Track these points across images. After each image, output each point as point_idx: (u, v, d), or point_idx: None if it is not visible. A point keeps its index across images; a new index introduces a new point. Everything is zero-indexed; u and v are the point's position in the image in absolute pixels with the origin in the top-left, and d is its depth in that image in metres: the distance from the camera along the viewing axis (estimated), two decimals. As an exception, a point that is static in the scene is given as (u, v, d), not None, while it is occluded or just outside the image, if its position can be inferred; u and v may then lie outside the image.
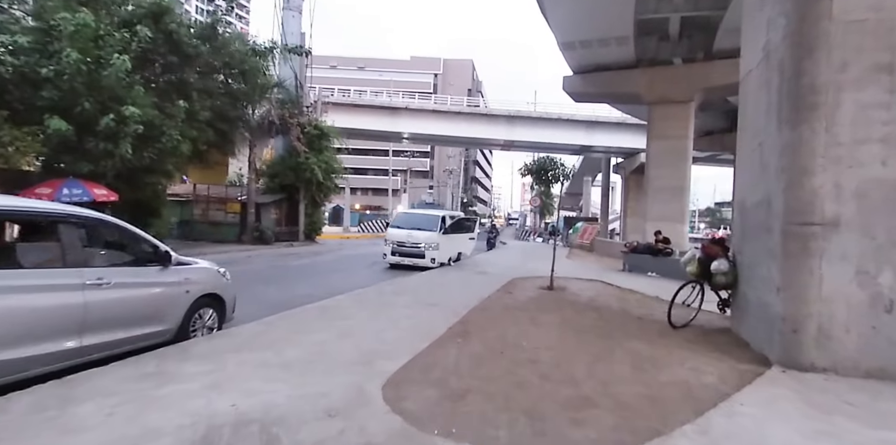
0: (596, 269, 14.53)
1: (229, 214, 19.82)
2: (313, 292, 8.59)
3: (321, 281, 10.44)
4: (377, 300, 7.44)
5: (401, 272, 12.53)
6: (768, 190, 5.05)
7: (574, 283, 10.61)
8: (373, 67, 60.85)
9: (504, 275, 11.55)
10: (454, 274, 11.76)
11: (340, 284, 9.87)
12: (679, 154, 19.85)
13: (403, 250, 13.13)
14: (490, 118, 36.52)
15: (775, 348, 4.71)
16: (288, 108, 20.41)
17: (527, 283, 10.32)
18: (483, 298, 8.01)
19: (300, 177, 20.59)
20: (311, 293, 8.46)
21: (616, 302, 8.28)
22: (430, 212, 15.61)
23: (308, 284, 9.93)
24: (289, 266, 13.19)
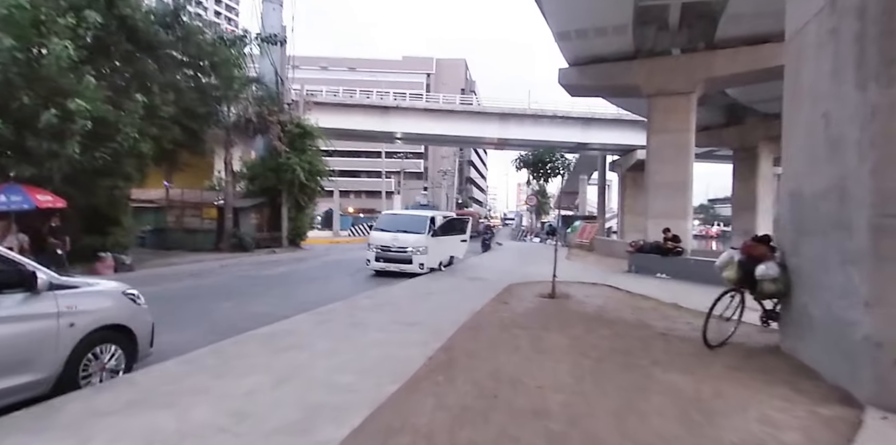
0: (599, 271, 13.30)
1: (205, 220, 18.47)
2: (276, 309, 7.30)
3: (291, 294, 9.14)
4: (345, 320, 6.15)
5: (386, 280, 11.25)
6: (842, 173, 3.80)
7: (578, 289, 9.36)
8: (364, 68, 59.58)
9: (500, 281, 10.30)
10: (444, 281, 10.49)
11: (312, 297, 8.58)
12: (680, 148, 18.66)
13: (388, 255, 11.86)
14: (482, 116, 35.30)
15: (865, 382, 3.46)
16: (267, 106, 19.09)
17: (525, 290, 9.06)
18: (475, 312, 6.74)
19: (281, 178, 19.27)
20: (273, 310, 7.17)
21: (630, 312, 7.03)
22: (417, 212, 14.27)
23: (274, 298, 8.63)
24: (261, 276, 11.89)
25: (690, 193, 18.79)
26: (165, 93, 13.29)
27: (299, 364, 4.17)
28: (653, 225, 19.34)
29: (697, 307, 7.36)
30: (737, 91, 23.10)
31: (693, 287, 9.82)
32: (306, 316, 6.39)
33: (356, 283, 10.78)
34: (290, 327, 5.75)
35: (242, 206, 18.84)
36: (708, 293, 9.32)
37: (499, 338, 5.27)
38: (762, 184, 26.94)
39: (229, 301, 8.24)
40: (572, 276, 11.16)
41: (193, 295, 8.94)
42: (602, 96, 23.58)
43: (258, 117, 18.51)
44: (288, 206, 20.11)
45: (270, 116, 18.91)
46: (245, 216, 18.92)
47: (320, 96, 35.43)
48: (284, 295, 9.06)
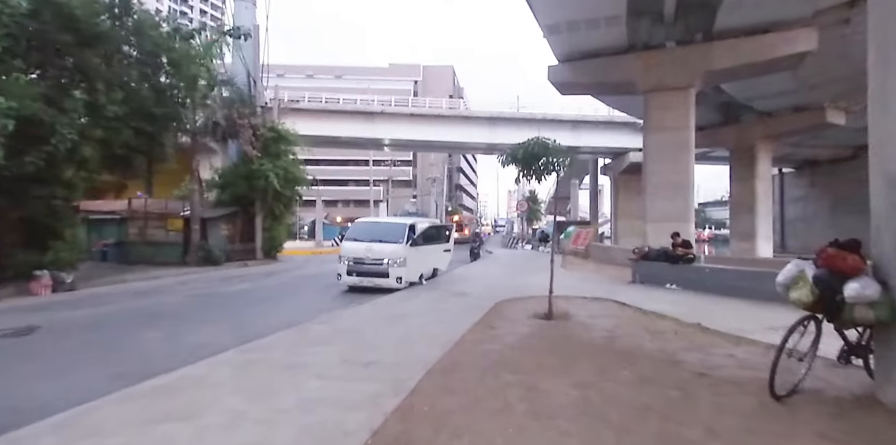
0: (599, 281, 11.85)
1: (170, 232, 16.84)
2: (214, 339, 5.78)
3: (242, 318, 7.58)
4: (282, 359, 4.62)
5: (359, 296, 9.73)
6: None
7: (579, 306, 7.89)
8: (350, 75, 58.36)
9: (487, 297, 8.80)
10: (423, 297, 8.97)
11: (265, 321, 7.04)
12: (680, 146, 17.40)
13: (362, 268, 10.33)
14: (471, 121, 33.99)
15: None
16: (237, 108, 17.61)
17: (517, 309, 7.58)
18: (453, 343, 5.24)
19: (254, 186, 17.73)
20: (211, 340, 5.66)
21: (649, 339, 5.55)
22: (394, 220, 12.71)
23: (219, 324, 7.07)
24: (218, 294, 10.30)
25: (692, 194, 17.50)
26: (112, 90, 11.77)
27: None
28: (652, 229, 18.01)
29: (728, 329, 5.94)
30: (734, 88, 21.99)
31: (712, 301, 8.39)
32: (233, 354, 4.86)
33: (322, 302, 9.23)
34: (200, 373, 4.22)
35: (211, 217, 17.23)
36: (731, 309, 7.80)
37: (481, 389, 3.76)
38: (761, 185, 25.77)
39: (162, 329, 6.66)
40: (570, 289, 9.71)
41: (124, 320, 7.35)
42: (594, 94, 22.34)
43: (227, 120, 17.01)
44: (262, 216, 18.53)
45: (241, 120, 17.41)
46: (214, 227, 17.32)
47: (303, 102, 34.05)
48: (234, 318, 7.50)
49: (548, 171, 7.43)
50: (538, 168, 7.28)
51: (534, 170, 7.37)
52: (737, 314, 7.11)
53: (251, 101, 18.66)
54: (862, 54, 3.80)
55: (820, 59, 17.32)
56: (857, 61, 19.16)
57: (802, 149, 32.23)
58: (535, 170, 7.33)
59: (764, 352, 4.87)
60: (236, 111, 17.45)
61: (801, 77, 20.85)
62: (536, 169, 7.29)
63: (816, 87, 21.93)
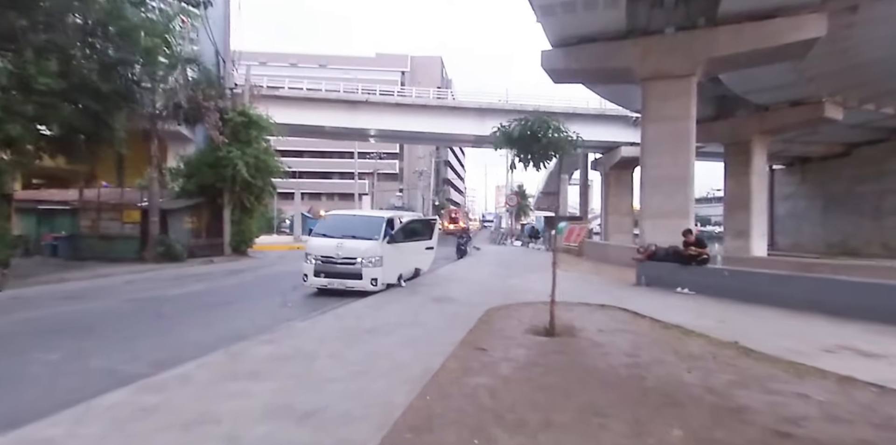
0: (599, 283, 10.63)
1: (126, 225, 15.17)
2: (118, 365, 4.40)
3: (175, 331, 6.14)
4: (183, 407, 3.23)
5: (327, 300, 8.35)
6: None
7: (584, 315, 6.61)
8: (335, 65, 56.23)
9: (475, 304, 7.49)
10: (399, 304, 7.61)
11: (198, 337, 5.64)
12: (680, 138, 16.25)
13: (332, 269, 8.92)
14: (459, 111, 32.55)
15: None
16: (203, 89, 15.94)
17: (511, 320, 6.27)
18: (431, 374, 3.90)
19: (221, 175, 16.11)
20: (111, 368, 4.30)
21: (685, 369, 4.26)
22: (370, 213, 11.18)
23: (139, 340, 5.62)
24: (163, 298, 8.80)
25: (692, 189, 16.38)
26: (45, 59, 10.12)
27: None
28: (649, 225, 16.88)
29: (776, 350, 4.69)
30: (732, 79, 20.92)
31: (737, 309, 7.19)
32: (122, 395, 3.45)
33: (283, 308, 7.81)
34: (48, 436, 2.81)
35: (172, 208, 15.61)
36: (764, 321, 6.33)
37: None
38: (756, 181, 24.87)
39: (62, 349, 5.19)
40: (569, 293, 8.44)
41: (22, 335, 5.87)
42: (588, 83, 21.06)
43: (190, 102, 15.33)
44: (231, 208, 16.93)
45: (207, 102, 15.76)
46: (176, 219, 15.70)
47: (283, 89, 32.29)
48: (162, 332, 6.06)
49: (547, 156, 6.11)
50: (536, 152, 5.95)
51: (532, 155, 6.04)
52: (775, 328, 5.91)
53: (219, 83, 16.98)
54: (868, 44, 2.55)
55: (822, 50, 16.30)
56: (861, 52, 17.71)
57: (794, 145, 31.51)
58: (533, 154, 6.01)
59: (843, 390, 3.64)
60: (201, 92, 15.78)
61: (801, 69, 19.86)
62: (535, 153, 5.96)
63: (815, 80, 21.00)
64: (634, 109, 26.06)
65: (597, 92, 23.35)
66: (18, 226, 16.34)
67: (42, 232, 15.86)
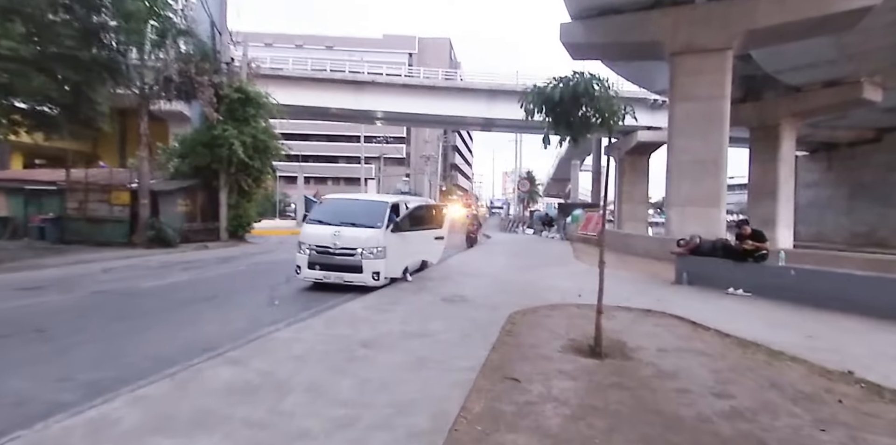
0: (633, 280, 9.32)
1: (115, 207, 14.04)
2: (32, 390, 3.17)
3: (122, 340, 4.96)
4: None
5: (321, 296, 7.18)
6: None
7: (631, 325, 5.36)
8: (342, 46, 54.24)
9: (493, 306, 6.26)
10: (403, 306, 6.38)
11: (151, 349, 4.48)
12: (712, 119, 14.70)
13: (328, 260, 7.72)
14: (468, 93, 30.86)
15: None
16: (196, 63, 14.59)
17: (542, 331, 5.04)
18: (448, 422, 2.69)
19: (216, 155, 14.88)
20: (28, 394, 3.06)
21: (808, 420, 3.02)
22: (372, 197, 9.82)
23: (82, 350, 4.46)
24: (133, 291, 7.66)
25: (724, 175, 14.90)
26: (9, 21, 8.84)
27: None
28: (677, 214, 15.48)
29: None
30: (764, 56, 19.14)
31: (815, 318, 5.88)
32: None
33: (268, 307, 6.63)
34: None
35: (164, 190, 14.44)
36: (862, 335, 4.97)
37: None
38: (784, 168, 23.20)
39: None
40: (601, 292, 7.20)
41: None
42: (610, 60, 19.35)
43: (182, 76, 14.01)
44: (227, 191, 15.74)
45: (200, 76, 14.42)
46: (168, 202, 14.54)
47: (287, 68, 30.74)
48: (119, 337, 4.90)
49: (589, 127, 4.76)
50: (578, 121, 4.61)
51: (570, 124, 4.70)
52: (882, 346, 4.63)
53: (215, 57, 15.59)
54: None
55: (870, 23, 14.57)
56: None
57: (820, 130, 29.64)
58: (573, 124, 4.67)
59: None
60: (195, 66, 14.43)
61: (843, 45, 18.07)
62: (575, 122, 4.62)
63: (856, 58, 19.18)
64: (656, 90, 24.33)
65: (617, 71, 21.60)
66: (5, 207, 15.33)
67: (30, 213, 14.82)
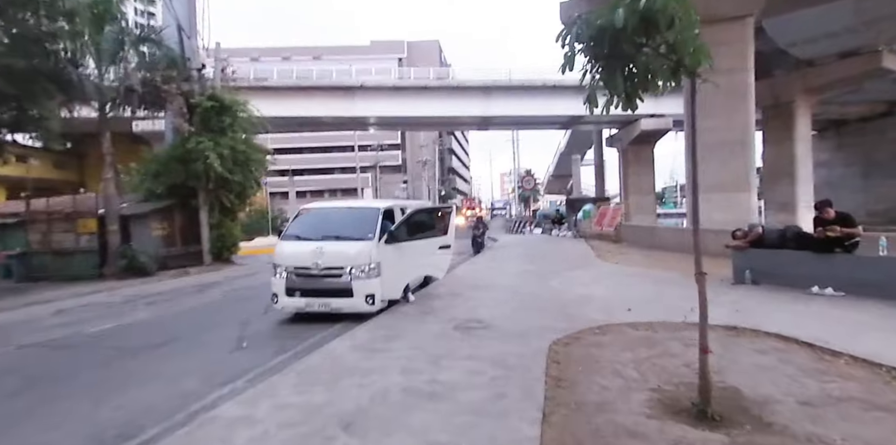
0: (681, 283, 7.73)
1: (82, 236, 12.52)
2: None
3: (18, 424, 3.43)
4: None
5: (303, 330, 5.64)
6: None
7: (725, 355, 3.76)
8: (330, 56, 52.97)
9: (524, 333, 4.70)
10: (405, 340, 4.81)
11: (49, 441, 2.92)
12: (735, 95, 13.21)
13: (310, 284, 6.18)
14: (462, 92, 29.41)
15: None
16: (162, 71, 13.17)
17: (606, 374, 3.47)
18: None
19: (191, 171, 13.39)
20: None
21: None
22: (360, 203, 8.04)
23: None
24: (76, 339, 6.12)
25: (752, 155, 13.38)
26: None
27: None
28: (702, 201, 13.85)
29: None
30: (777, 28, 17.69)
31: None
32: None
33: (232, 353, 5.09)
34: None
35: (135, 213, 12.93)
36: None
37: None
38: (801, 147, 21.65)
39: None
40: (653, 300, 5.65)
41: None
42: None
43: (146, 86, 12.57)
44: (208, 209, 14.22)
45: (167, 84, 12.97)
46: (142, 226, 13.02)
47: (272, 79, 29.42)
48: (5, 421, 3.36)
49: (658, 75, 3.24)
50: (644, 61, 3.09)
51: (632, 75, 3.18)
52: None
53: (184, 63, 14.14)
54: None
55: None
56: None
57: (831, 107, 28.11)
58: (636, 68, 3.15)
59: None
60: (160, 74, 13.00)
61: (862, 9, 16.67)
62: (640, 63, 3.10)
63: (874, 24, 17.69)
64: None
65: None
66: (-33, 244, 13.85)
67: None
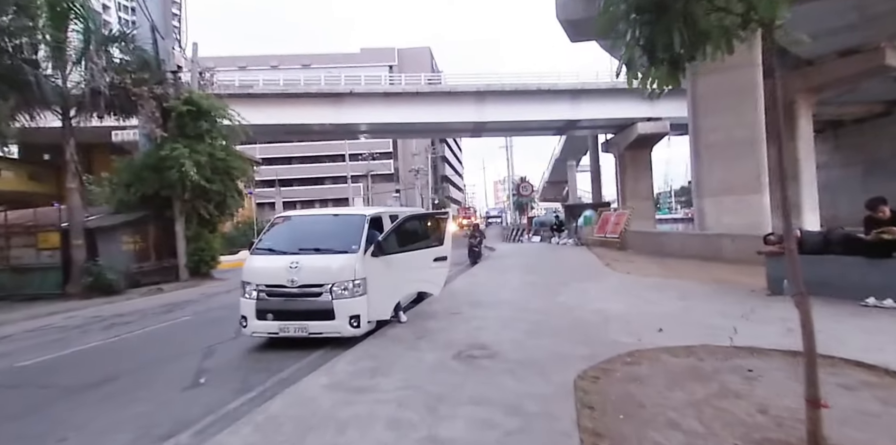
0: (708, 294, 6.86)
1: (44, 252, 11.48)
2: None
3: None
4: None
5: (274, 360, 4.70)
6: None
7: (796, 392, 2.90)
8: (319, 64, 52.43)
9: (539, 361, 3.79)
10: (395, 376, 3.88)
11: None
12: (743, 90, 12.59)
13: (284, 306, 5.25)
14: (455, 97, 28.73)
15: None
16: (133, 72, 12.29)
17: (658, 426, 2.57)
18: None
19: (165, 180, 12.43)
20: None
21: None
22: (342, 210, 6.95)
23: None
24: (5, 373, 5.13)
25: (763, 155, 12.69)
26: None
27: None
28: (711, 204, 13.12)
29: None
30: (777, 26, 17.16)
31: None
32: None
33: (190, 389, 4.14)
34: None
35: (103, 226, 11.92)
36: None
37: None
38: (804, 147, 21.15)
39: None
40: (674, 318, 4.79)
41: None
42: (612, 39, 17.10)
43: (114, 88, 11.66)
44: (184, 220, 13.23)
45: (138, 87, 12.07)
46: (110, 240, 12.00)
47: (258, 87, 28.62)
48: None
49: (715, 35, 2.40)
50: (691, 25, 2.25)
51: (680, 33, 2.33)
52: None
53: (158, 65, 13.25)
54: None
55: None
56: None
57: (827, 108, 27.76)
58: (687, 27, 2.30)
59: None
60: (130, 76, 12.11)
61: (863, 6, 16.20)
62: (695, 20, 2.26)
63: (876, 20, 17.23)
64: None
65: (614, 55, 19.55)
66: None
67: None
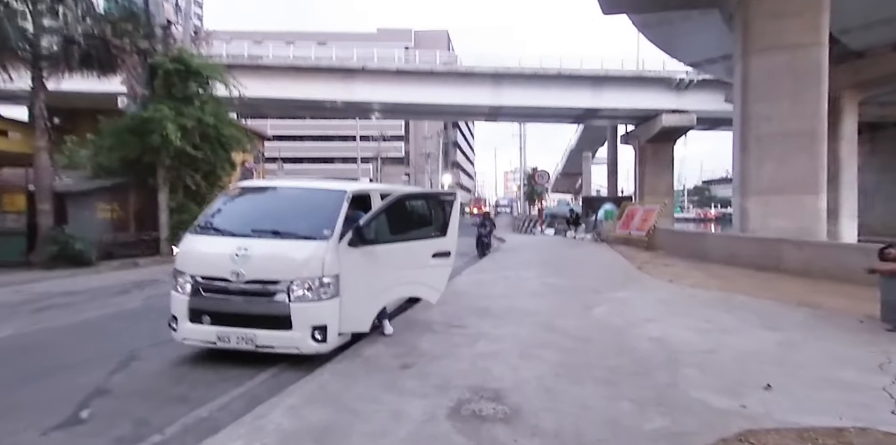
0: (794, 323, 5.28)
1: (9, 215, 10.21)
2: None
3: None
4: None
5: (209, 377, 3.29)
6: None
7: None
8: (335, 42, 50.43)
9: (585, 437, 2.35)
10: (364, 437, 2.46)
11: None
12: (805, 74, 10.79)
13: (225, 306, 3.85)
14: (470, 79, 26.90)
15: None
16: (115, 23, 10.78)
17: None
18: None
19: (147, 144, 11.03)
20: None
21: None
22: (316, 184, 5.32)
23: None
24: None
25: (823, 149, 10.96)
26: None
27: None
28: (757, 204, 11.37)
29: None
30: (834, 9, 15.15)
31: None
32: None
33: (49, 433, 2.76)
34: None
35: (74, 191, 10.60)
36: None
37: None
38: (846, 148, 19.20)
39: None
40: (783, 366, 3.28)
41: None
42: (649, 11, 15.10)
43: (90, 39, 10.17)
44: (168, 190, 11.87)
45: (118, 38, 10.57)
46: (83, 206, 10.69)
47: (266, 58, 26.97)
48: None
49: None
50: None
51: None
52: None
53: (147, 18, 11.72)
54: None
55: None
56: None
57: (868, 108, 25.53)
58: None
59: None
60: (112, 26, 10.60)
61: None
62: None
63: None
64: (690, 62, 20.37)
65: (648, 35, 17.64)
66: None
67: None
